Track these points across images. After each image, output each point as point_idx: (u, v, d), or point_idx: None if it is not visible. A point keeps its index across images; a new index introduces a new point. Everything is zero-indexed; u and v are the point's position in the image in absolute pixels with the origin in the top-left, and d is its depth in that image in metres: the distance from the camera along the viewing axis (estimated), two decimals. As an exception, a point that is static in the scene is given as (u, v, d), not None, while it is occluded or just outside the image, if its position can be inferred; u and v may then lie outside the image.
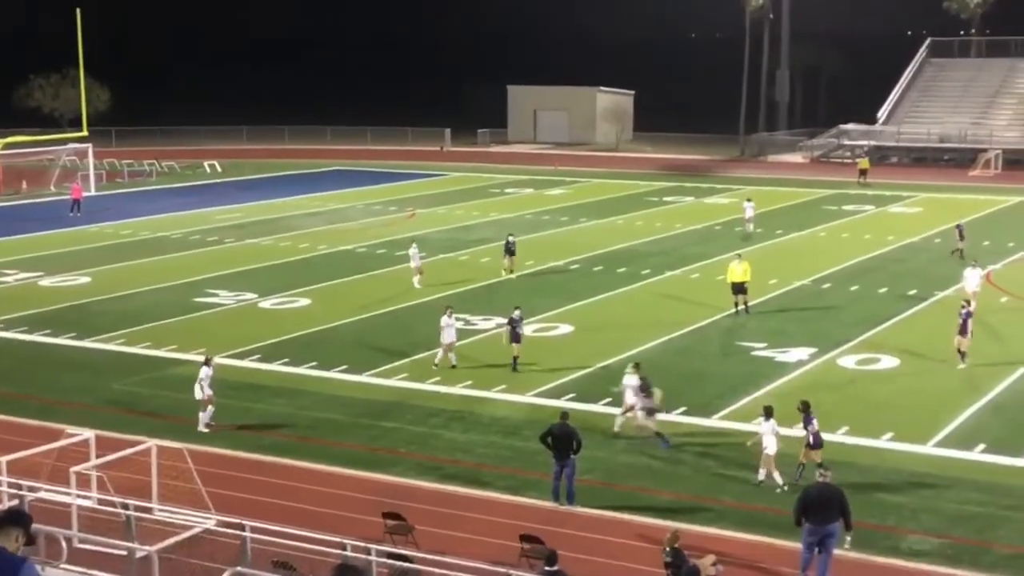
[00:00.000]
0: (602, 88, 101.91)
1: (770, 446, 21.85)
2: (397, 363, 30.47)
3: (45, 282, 41.90)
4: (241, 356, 31.34)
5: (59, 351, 32.51)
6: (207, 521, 19.18)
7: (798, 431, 22.73)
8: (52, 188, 64.15)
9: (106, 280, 41.90)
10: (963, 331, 29.58)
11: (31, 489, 19.19)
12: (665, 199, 64.36)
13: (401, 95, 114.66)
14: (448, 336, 29.71)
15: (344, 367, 30.12)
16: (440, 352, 29.81)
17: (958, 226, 45.42)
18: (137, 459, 20.22)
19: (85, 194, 61.28)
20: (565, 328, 34.03)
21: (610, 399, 27.22)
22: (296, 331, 34.07)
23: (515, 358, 29.47)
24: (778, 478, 21.71)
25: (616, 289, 39.96)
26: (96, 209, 59.77)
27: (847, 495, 18.33)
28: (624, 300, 38.56)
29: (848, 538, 18.55)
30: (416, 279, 39.82)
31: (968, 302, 31.33)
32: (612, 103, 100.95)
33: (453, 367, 29.56)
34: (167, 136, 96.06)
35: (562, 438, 21.16)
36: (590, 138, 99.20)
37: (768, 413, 22.20)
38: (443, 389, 28.07)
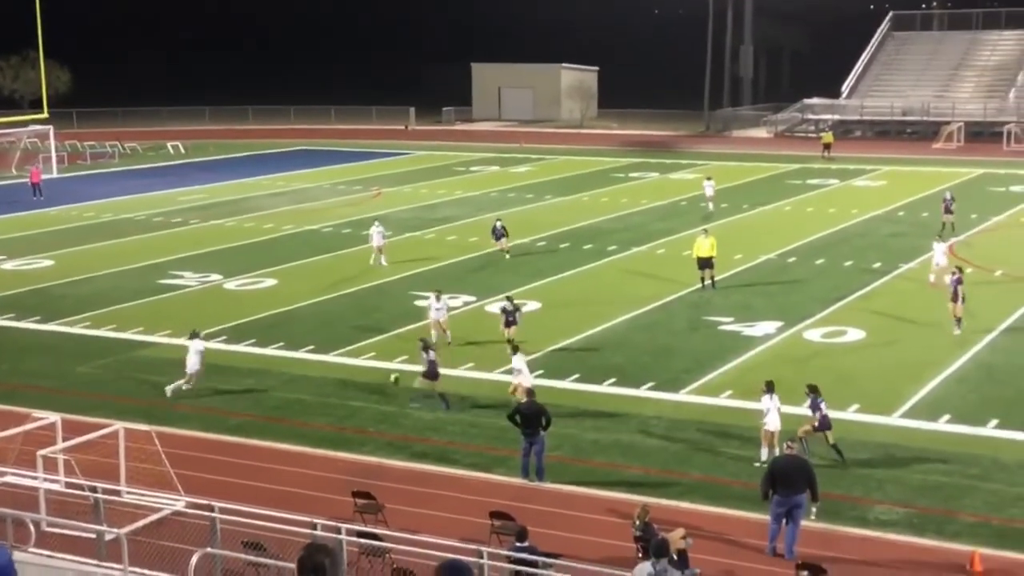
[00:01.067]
0: (566, 65, 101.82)
1: (771, 422, 21.80)
2: (364, 342, 30.42)
3: (7, 265, 41.53)
4: (207, 338, 31.00)
5: (23, 335, 32.26)
6: (176, 503, 19.15)
7: (787, 408, 22.64)
8: (13, 171, 63.50)
9: (69, 263, 41.57)
10: (954, 298, 30.07)
11: (-3, 473, 19.08)
12: (630, 175, 64.46)
13: (364, 74, 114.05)
14: (434, 316, 29.76)
15: (311, 347, 30.05)
16: (434, 333, 29.51)
17: (944, 199, 45.32)
18: (104, 442, 20.11)
19: (46, 176, 60.68)
20: (532, 305, 34.06)
21: (579, 375, 27.31)
22: (262, 312, 33.94)
23: (510, 340, 28.96)
24: (763, 453, 21.69)
25: (582, 266, 40.03)
26: (58, 191, 59.22)
27: (813, 467, 18.47)
28: (590, 277, 38.63)
29: (815, 509, 18.71)
30: (382, 258, 39.72)
31: (959, 269, 31.69)
32: (576, 80, 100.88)
33: (448, 344, 29.45)
34: (129, 117, 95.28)
35: (530, 416, 21.20)
36: (555, 115, 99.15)
37: (770, 388, 22.14)
38: (410, 367, 28.04)
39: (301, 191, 59.42)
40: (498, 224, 41.55)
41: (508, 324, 29.37)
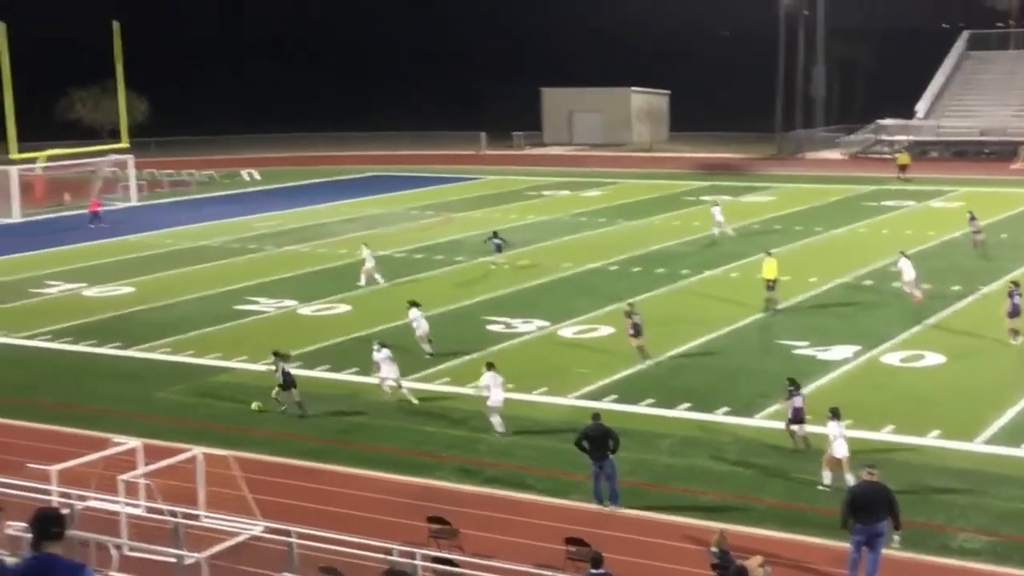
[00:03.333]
0: (636, 88, 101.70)
1: (839, 449, 21.57)
2: (438, 367, 30.54)
3: (89, 292, 42.30)
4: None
5: (105, 360, 32.82)
6: (254, 527, 19.32)
7: (865, 434, 22.49)
8: (100, 208, 64.58)
9: (149, 289, 42.25)
10: (1013, 313, 29.84)
11: (80, 498, 19.39)
12: (702, 198, 64.12)
13: (436, 99, 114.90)
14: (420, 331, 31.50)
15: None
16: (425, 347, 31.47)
17: (971, 217, 45.33)
18: (183, 467, 20.37)
19: (127, 205, 61.96)
20: (605, 330, 33.98)
21: (653, 399, 27.19)
22: (336, 337, 34.22)
23: (640, 348, 30.35)
24: (850, 481, 21.35)
25: (655, 289, 39.89)
26: (137, 219, 60.33)
27: (894, 494, 18.21)
28: (663, 300, 38.47)
29: (897, 537, 18.42)
30: (377, 276, 41.03)
31: (1016, 284, 31.37)
32: (646, 103, 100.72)
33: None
34: (205, 145, 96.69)
35: (597, 439, 21.11)
36: (625, 139, 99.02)
37: (835, 414, 21.95)
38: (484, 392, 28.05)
39: (374, 217, 59.88)
40: (497, 241, 42.83)
41: (636, 334, 30.05)
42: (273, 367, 27.58)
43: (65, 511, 18.31)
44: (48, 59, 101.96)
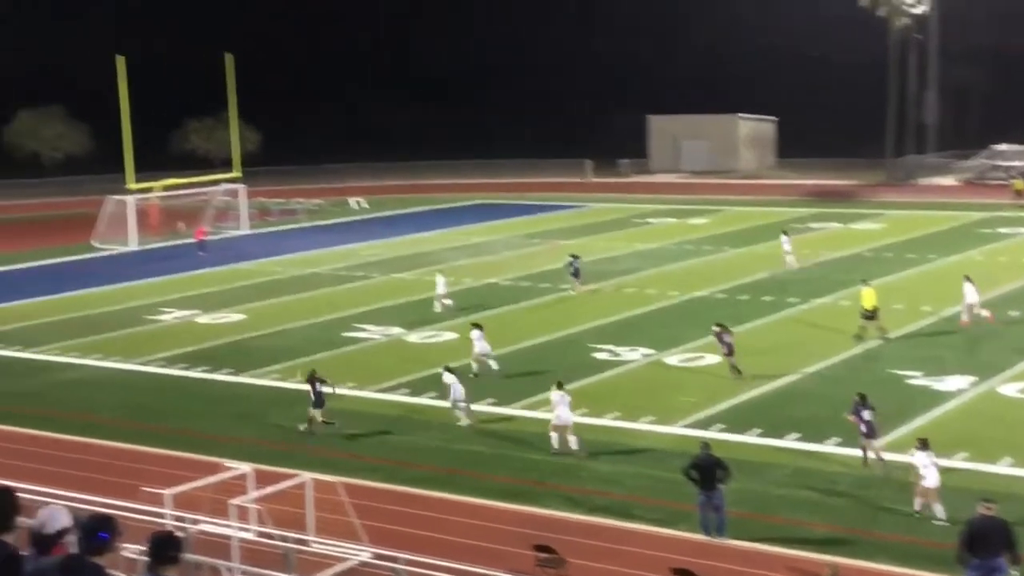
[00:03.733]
0: (743, 115, 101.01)
1: (929, 478, 21.20)
2: (543, 395, 30.49)
3: (202, 319, 43.16)
4: (390, 390, 31.80)
5: (217, 386, 33.43)
6: (362, 553, 19.46)
7: (956, 462, 22.05)
8: (208, 228, 66.17)
9: (260, 316, 42.99)
10: None
11: (193, 522, 19.74)
12: (810, 225, 63.32)
13: (542, 126, 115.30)
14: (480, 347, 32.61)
15: (491, 400, 30.29)
16: (475, 366, 32.43)
17: None
18: (293, 492, 20.63)
19: (238, 233, 63.38)
20: (712, 358, 33.68)
21: (761, 429, 26.85)
22: (443, 364, 34.32)
23: (734, 367, 31.22)
24: (939, 511, 21.04)
25: (763, 318, 39.43)
26: (248, 247, 61.54)
27: (1013, 528, 17.71)
28: (771, 329, 38.01)
29: (1016, 573, 17.89)
30: (440, 307, 41.74)
31: None
32: (753, 130, 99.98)
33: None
34: (314, 174, 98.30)
35: (707, 468, 20.93)
36: (732, 165, 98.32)
37: (924, 445, 21.59)
38: (589, 420, 28.00)
39: (479, 244, 60.22)
40: (574, 261, 42.81)
41: (728, 353, 30.91)
42: (313, 385, 28.02)
43: (180, 535, 18.68)
44: (164, 92, 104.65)
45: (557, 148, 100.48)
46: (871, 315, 35.22)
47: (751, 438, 26.40)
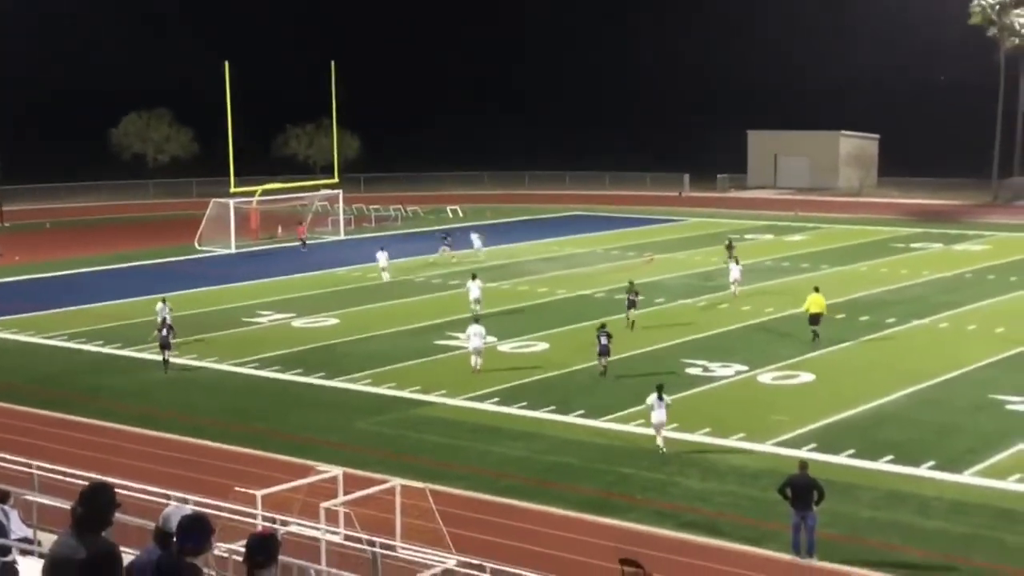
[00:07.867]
0: (845, 132, 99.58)
1: None
2: (633, 408, 30.38)
3: (297, 323, 43.72)
4: (480, 399, 31.90)
5: (310, 390, 33.83)
6: (448, 561, 19.53)
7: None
8: (306, 233, 67.07)
9: (353, 321, 43.42)
10: None
11: (283, 523, 19.99)
12: (912, 246, 62.22)
13: (639, 139, 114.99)
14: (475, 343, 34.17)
15: (581, 411, 30.25)
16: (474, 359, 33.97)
17: None
18: (382, 497, 20.79)
19: (335, 238, 64.50)
20: (806, 376, 33.27)
21: (854, 450, 26.44)
22: (534, 375, 34.43)
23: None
24: None
25: (859, 338, 38.82)
26: (344, 253, 62.25)
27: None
28: (867, 349, 37.41)
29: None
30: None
31: None
32: (855, 147, 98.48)
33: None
34: (412, 182, 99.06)
35: (802, 488, 20.66)
36: (832, 183, 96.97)
37: None
38: (679, 435, 27.82)
39: (574, 256, 60.17)
40: (633, 297, 40.79)
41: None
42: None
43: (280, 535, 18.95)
44: (268, 98, 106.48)
45: (655, 161, 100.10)
46: (815, 320, 37.28)
47: (843, 459, 26.02)
